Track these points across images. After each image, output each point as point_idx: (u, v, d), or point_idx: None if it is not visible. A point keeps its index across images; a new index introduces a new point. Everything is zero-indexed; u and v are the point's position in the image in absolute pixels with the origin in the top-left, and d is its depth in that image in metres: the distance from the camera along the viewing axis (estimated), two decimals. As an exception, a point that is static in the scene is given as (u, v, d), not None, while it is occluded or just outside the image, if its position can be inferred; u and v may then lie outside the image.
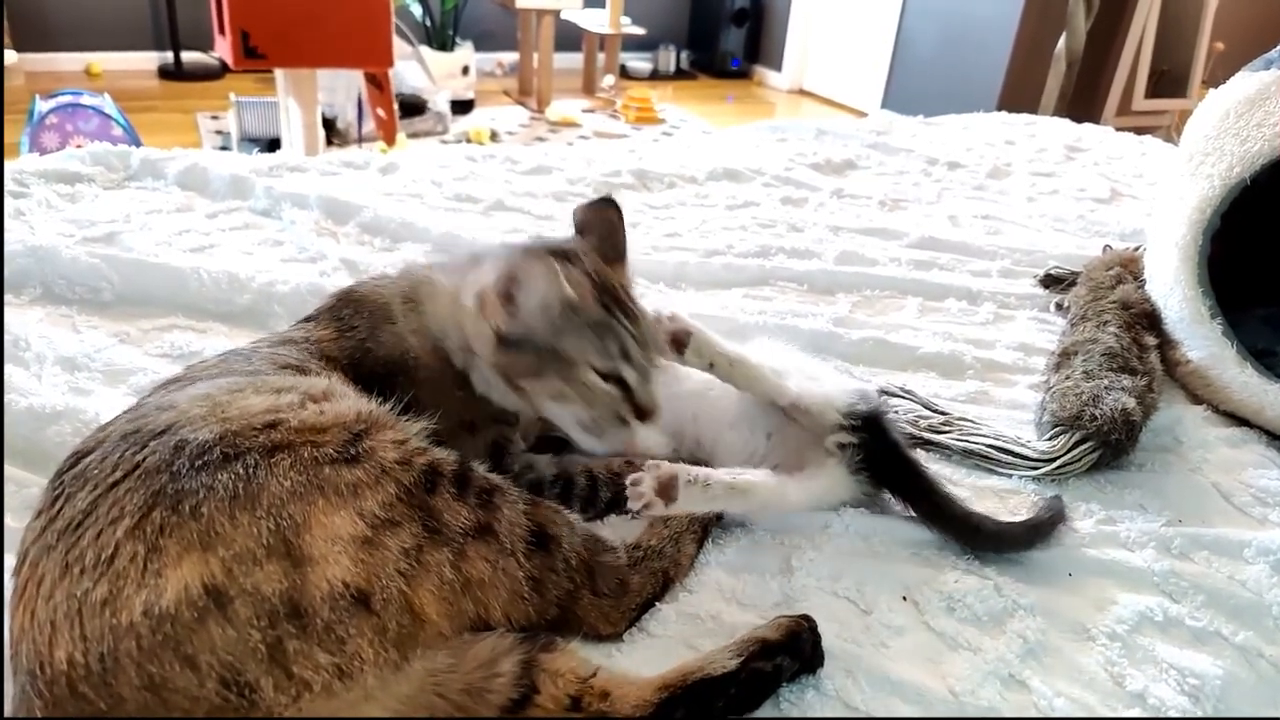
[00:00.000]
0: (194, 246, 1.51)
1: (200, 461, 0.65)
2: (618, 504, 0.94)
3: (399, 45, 4.14)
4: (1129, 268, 1.50)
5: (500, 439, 0.93)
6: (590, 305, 0.86)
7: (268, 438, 0.68)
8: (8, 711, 0.61)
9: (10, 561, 0.81)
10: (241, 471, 0.64)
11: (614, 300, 0.89)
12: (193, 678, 0.57)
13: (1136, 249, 1.61)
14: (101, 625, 0.58)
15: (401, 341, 0.91)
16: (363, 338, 0.91)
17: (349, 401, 0.77)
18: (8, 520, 0.88)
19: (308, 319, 0.97)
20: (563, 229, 1.73)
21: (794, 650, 0.76)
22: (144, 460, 0.65)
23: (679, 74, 6.79)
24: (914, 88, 5.34)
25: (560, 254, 0.89)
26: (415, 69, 4.69)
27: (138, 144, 3.22)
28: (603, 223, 0.99)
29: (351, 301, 0.95)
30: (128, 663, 0.57)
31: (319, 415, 0.72)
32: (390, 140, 3.81)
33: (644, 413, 0.89)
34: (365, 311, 0.93)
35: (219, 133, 4.44)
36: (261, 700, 0.58)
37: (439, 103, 4.72)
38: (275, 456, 0.66)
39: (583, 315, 0.85)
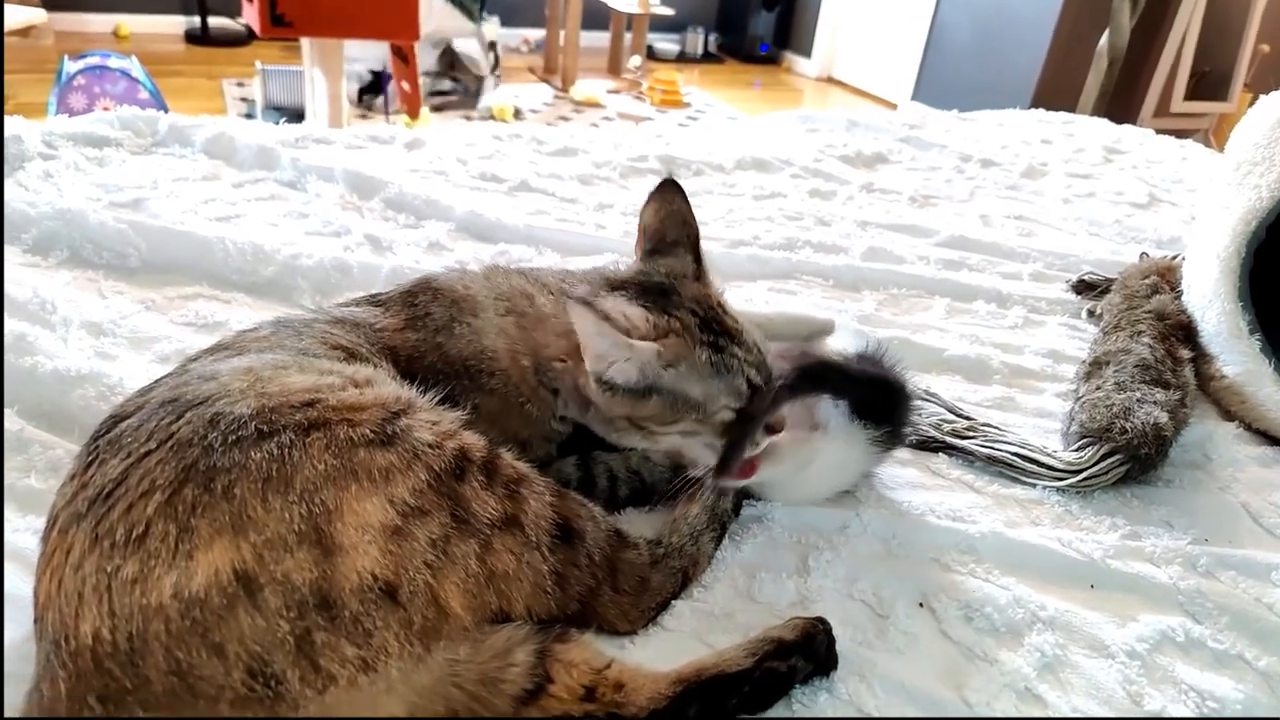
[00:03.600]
0: (220, 216, 1.51)
1: (235, 436, 0.64)
2: (635, 500, 0.94)
3: (460, 21, 4.11)
4: (1166, 277, 1.48)
5: (547, 456, 0.92)
6: (703, 353, 0.84)
7: (304, 415, 0.67)
8: (33, 675, 0.61)
9: (24, 521, 0.83)
10: (276, 451, 0.64)
11: (722, 331, 0.86)
12: (219, 666, 0.57)
13: (1174, 258, 1.58)
14: (131, 604, 0.57)
15: (479, 339, 0.89)
16: (436, 328, 0.89)
17: (390, 386, 0.76)
18: (33, 482, 0.89)
19: (375, 301, 0.94)
20: (586, 211, 1.75)
21: (809, 652, 0.76)
22: (178, 431, 0.65)
23: (706, 57, 6.73)
24: (946, 80, 5.27)
25: (661, 291, 0.88)
26: (473, 46, 4.64)
27: (164, 108, 3.23)
28: (675, 220, 0.95)
29: (430, 289, 0.93)
30: (156, 646, 0.57)
31: (359, 396, 0.72)
32: (414, 114, 3.80)
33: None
34: (445, 302, 0.91)
35: (244, 100, 4.45)
36: (287, 692, 0.58)
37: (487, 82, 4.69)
38: (311, 436, 0.66)
39: (701, 367, 0.84)
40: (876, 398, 0.95)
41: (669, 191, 0.96)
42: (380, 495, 0.65)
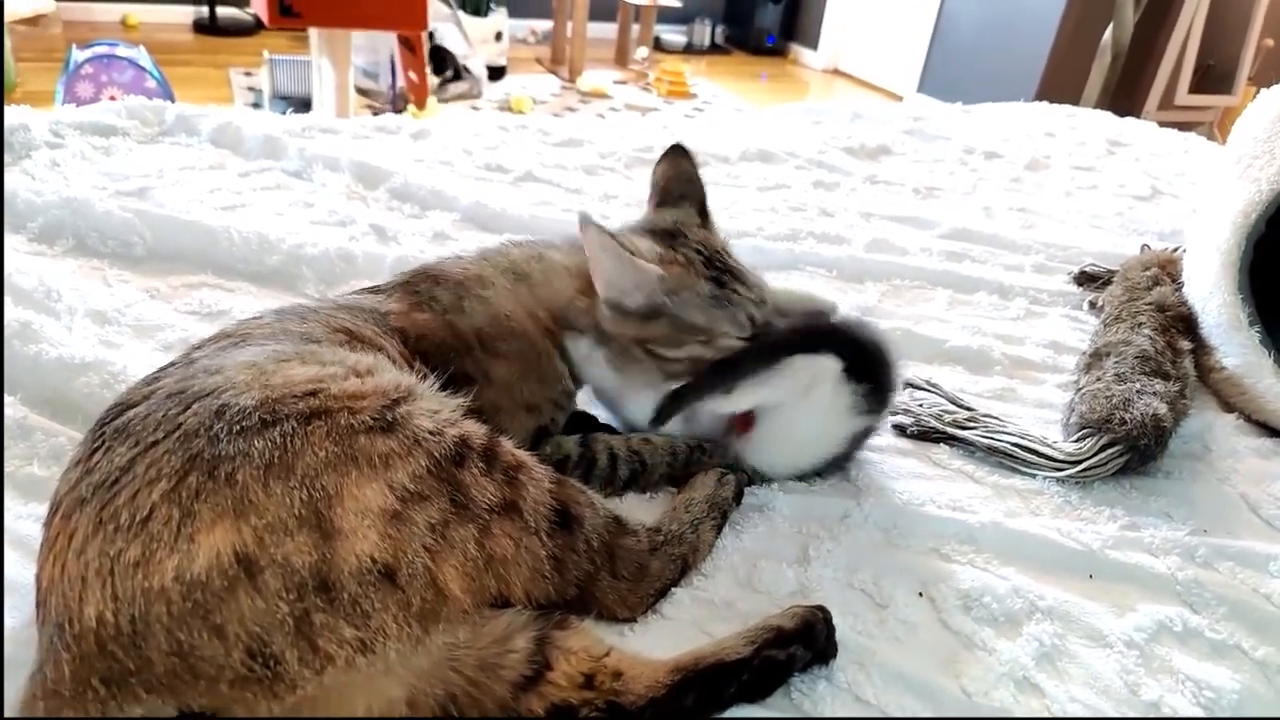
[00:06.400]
0: (225, 205, 1.51)
1: (240, 427, 0.65)
2: (635, 482, 0.95)
3: (436, 7, 4.12)
4: (1167, 269, 1.48)
5: (550, 424, 0.94)
6: (706, 285, 0.92)
7: (307, 404, 0.68)
8: (36, 658, 0.62)
9: (26, 509, 0.84)
10: (278, 439, 0.64)
11: (725, 269, 0.95)
12: (220, 646, 0.57)
13: (1175, 250, 1.58)
14: (133, 587, 0.58)
15: (493, 307, 0.92)
16: (444, 309, 0.91)
17: (390, 374, 0.77)
18: (35, 469, 0.90)
19: (375, 290, 0.96)
20: (591, 203, 1.75)
21: (808, 640, 0.76)
22: (185, 422, 0.65)
23: (713, 49, 6.71)
24: (952, 73, 5.25)
25: (668, 234, 0.97)
26: (453, 32, 4.65)
27: (171, 98, 3.23)
28: (682, 179, 1.05)
29: (429, 277, 0.95)
30: (158, 628, 0.57)
31: (360, 385, 0.72)
32: (421, 103, 3.80)
33: None
34: (448, 285, 0.93)
35: (251, 89, 4.45)
36: (285, 672, 0.58)
37: (475, 67, 4.68)
38: (312, 424, 0.66)
39: (703, 296, 0.92)
40: (864, 361, 0.96)
41: (677, 154, 1.08)
42: (380, 481, 0.65)
